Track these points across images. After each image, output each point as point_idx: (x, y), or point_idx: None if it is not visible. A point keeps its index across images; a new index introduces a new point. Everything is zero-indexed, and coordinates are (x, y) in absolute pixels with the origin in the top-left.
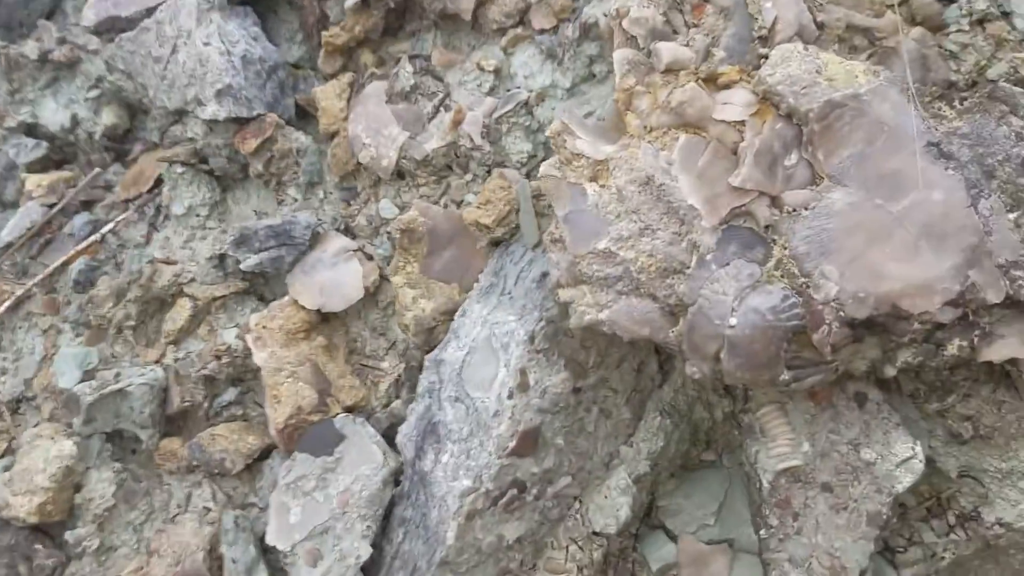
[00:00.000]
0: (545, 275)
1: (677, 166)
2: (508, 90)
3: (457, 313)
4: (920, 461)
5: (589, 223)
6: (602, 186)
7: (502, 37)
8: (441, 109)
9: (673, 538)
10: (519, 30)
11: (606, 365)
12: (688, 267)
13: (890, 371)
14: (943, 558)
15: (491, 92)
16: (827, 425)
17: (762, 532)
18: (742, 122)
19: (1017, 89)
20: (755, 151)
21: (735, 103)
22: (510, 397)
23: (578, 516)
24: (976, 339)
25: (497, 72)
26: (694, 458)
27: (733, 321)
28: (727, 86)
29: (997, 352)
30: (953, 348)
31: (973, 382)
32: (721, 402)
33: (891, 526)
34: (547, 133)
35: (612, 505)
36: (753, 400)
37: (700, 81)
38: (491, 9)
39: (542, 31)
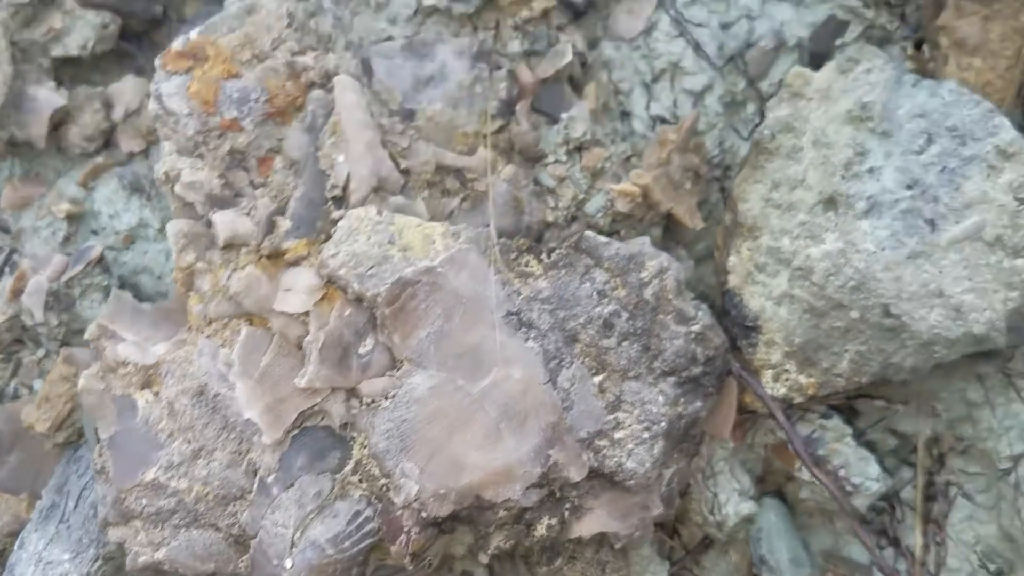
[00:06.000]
0: None
1: (236, 369)
2: (94, 231)
3: (16, 543)
4: None
5: (137, 447)
6: (155, 395)
7: (85, 165)
8: (6, 270)
9: None
10: (101, 157)
11: None
12: (249, 492)
13: (483, 558)
14: None
15: (67, 241)
16: None
17: None
18: (307, 313)
19: (601, 239)
20: (321, 346)
21: (298, 290)
22: None
23: None
24: (567, 513)
25: (72, 218)
26: None
27: (288, 563)
28: (296, 263)
29: (586, 527)
30: (543, 528)
31: (577, 544)
32: None
33: None
34: (86, 336)
35: None
36: None
37: (264, 260)
38: (71, 131)
39: (131, 155)
